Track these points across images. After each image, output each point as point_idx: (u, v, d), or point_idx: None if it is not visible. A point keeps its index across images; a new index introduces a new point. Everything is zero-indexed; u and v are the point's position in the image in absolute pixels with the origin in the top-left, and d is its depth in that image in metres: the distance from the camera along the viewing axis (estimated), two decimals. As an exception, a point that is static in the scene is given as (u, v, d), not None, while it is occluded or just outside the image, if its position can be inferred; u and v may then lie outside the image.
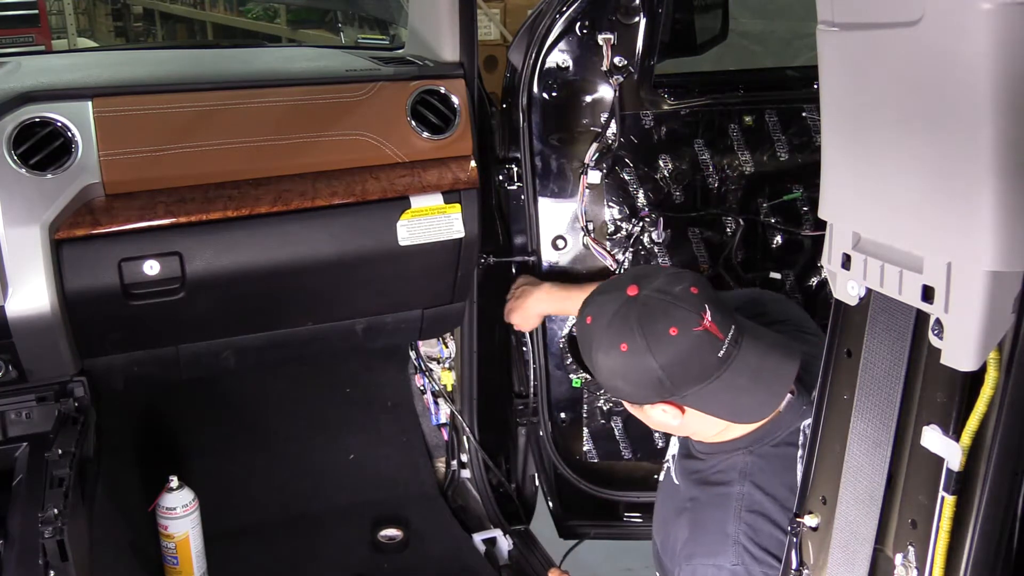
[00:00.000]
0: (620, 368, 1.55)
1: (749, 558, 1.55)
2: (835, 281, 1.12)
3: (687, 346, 1.49)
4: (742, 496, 1.60)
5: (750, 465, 1.61)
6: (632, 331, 1.51)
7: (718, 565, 1.56)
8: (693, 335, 1.49)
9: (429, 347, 2.52)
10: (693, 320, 1.50)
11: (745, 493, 1.60)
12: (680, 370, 1.51)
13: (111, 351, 1.97)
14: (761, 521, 1.57)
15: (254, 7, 6.18)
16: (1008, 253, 0.89)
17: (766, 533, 1.56)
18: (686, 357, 1.50)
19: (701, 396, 1.54)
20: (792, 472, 1.58)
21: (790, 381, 1.55)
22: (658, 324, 1.50)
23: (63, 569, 1.52)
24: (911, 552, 1.08)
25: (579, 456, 2.45)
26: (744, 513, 1.58)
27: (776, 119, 2.27)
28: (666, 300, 1.52)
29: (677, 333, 1.49)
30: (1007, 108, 0.85)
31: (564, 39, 2.19)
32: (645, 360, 1.51)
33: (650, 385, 1.53)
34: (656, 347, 1.50)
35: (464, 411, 2.44)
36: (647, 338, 1.50)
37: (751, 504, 1.59)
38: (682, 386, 1.52)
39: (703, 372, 1.51)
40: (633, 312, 1.52)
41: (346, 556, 2.30)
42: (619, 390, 1.61)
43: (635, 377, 1.54)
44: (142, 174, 1.83)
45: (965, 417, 0.99)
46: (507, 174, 2.27)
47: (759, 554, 1.55)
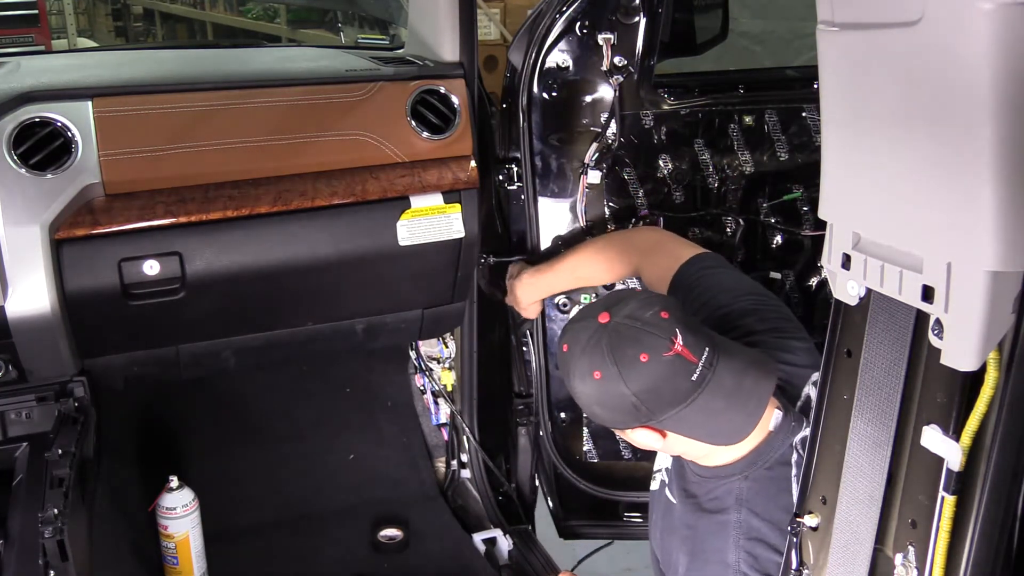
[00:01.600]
0: (595, 395, 1.55)
1: None
2: (835, 281, 1.12)
3: (658, 372, 1.49)
4: (739, 524, 1.60)
5: (746, 491, 1.61)
6: (604, 359, 1.51)
7: None
8: (664, 361, 1.49)
9: (429, 347, 2.52)
10: (663, 346, 1.49)
11: (742, 520, 1.60)
12: (653, 396, 1.50)
13: (111, 351, 1.97)
14: (760, 548, 1.58)
15: (254, 7, 6.18)
16: (1008, 253, 0.89)
17: (765, 558, 1.57)
18: (658, 383, 1.50)
19: (678, 420, 1.53)
20: (788, 494, 1.58)
21: (765, 401, 1.54)
22: (628, 351, 1.50)
23: (63, 569, 1.52)
24: (911, 552, 1.08)
25: (579, 456, 2.45)
26: (743, 541, 1.59)
27: (776, 119, 2.27)
28: (636, 327, 1.51)
29: (648, 360, 1.49)
30: (1007, 108, 0.85)
31: (564, 39, 2.19)
32: (618, 387, 1.50)
33: (626, 411, 1.53)
34: (628, 374, 1.49)
35: (464, 411, 2.44)
36: (618, 365, 1.50)
37: (749, 531, 1.59)
38: (657, 411, 1.52)
39: (676, 397, 1.50)
40: (604, 340, 1.52)
41: (346, 556, 2.30)
42: (598, 416, 1.60)
43: (611, 403, 1.54)
44: (142, 174, 1.83)
45: (965, 417, 0.99)
46: (507, 174, 2.27)
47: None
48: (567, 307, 2.35)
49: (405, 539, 2.34)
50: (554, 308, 2.36)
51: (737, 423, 1.54)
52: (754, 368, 1.54)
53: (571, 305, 2.34)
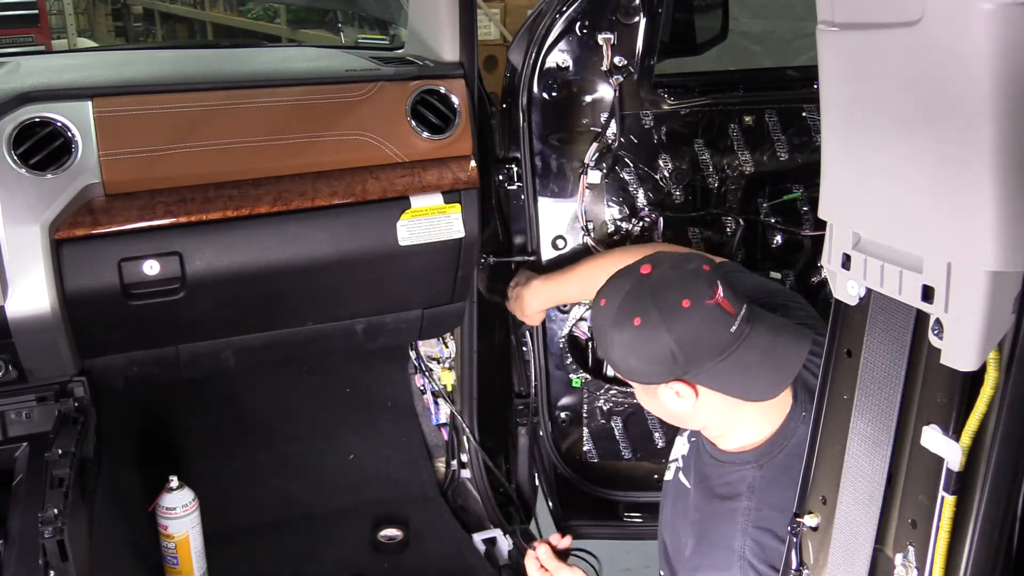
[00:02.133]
0: (633, 344, 1.55)
1: (753, 573, 1.56)
2: (835, 281, 1.12)
3: (699, 319, 1.50)
4: (749, 512, 1.60)
5: (759, 480, 1.61)
6: (646, 305, 1.52)
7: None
8: (705, 308, 1.50)
9: (429, 347, 2.52)
10: (705, 294, 1.51)
11: (752, 508, 1.60)
12: (692, 345, 1.51)
13: (111, 351, 1.97)
14: (767, 538, 1.57)
15: (254, 7, 6.18)
16: (1008, 253, 0.89)
17: (771, 549, 1.56)
18: (699, 331, 1.51)
19: (713, 373, 1.54)
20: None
21: (801, 361, 1.55)
22: (671, 296, 1.51)
23: (63, 569, 1.52)
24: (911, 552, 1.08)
25: (579, 456, 2.45)
26: (751, 529, 1.58)
27: (776, 119, 2.27)
28: (678, 275, 1.54)
29: (690, 305, 1.50)
30: (1007, 108, 0.85)
31: (564, 39, 2.19)
32: (658, 334, 1.51)
33: (663, 361, 1.53)
34: (669, 320, 1.50)
35: (464, 411, 2.44)
36: (661, 311, 1.51)
37: (758, 520, 1.58)
38: (695, 362, 1.52)
39: (715, 348, 1.51)
40: (647, 288, 1.54)
41: (346, 556, 2.30)
42: (632, 371, 1.60)
43: (648, 353, 1.54)
44: (142, 174, 1.83)
45: (965, 417, 0.99)
46: (507, 174, 2.27)
47: (764, 570, 1.55)
48: (567, 307, 2.35)
49: (405, 539, 2.34)
50: (554, 308, 2.36)
51: (771, 380, 1.56)
52: (788, 331, 1.57)
53: (571, 305, 2.34)
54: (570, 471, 2.44)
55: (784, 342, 1.55)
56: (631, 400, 2.39)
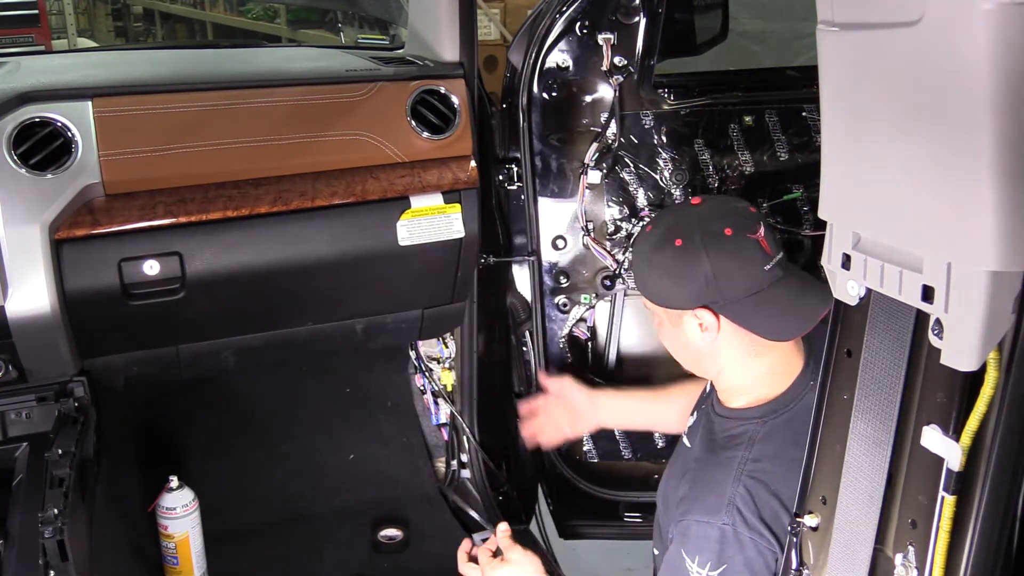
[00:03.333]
0: (671, 265, 1.62)
1: (741, 521, 1.55)
2: (835, 281, 1.12)
3: (738, 250, 1.58)
4: (746, 461, 1.61)
5: (761, 434, 1.64)
6: (690, 228, 1.60)
7: (709, 523, 1.57)
8: (746, 240, 1.59)
9: (429, 347, 2.52)
10: (749, 228, 1.60)
11: (749, 459, 1.61)
12: (727, 273, 1.58)
13: (111, 351, 1.97)
14: (761, 489, 1.58)
15: (254, 7, 6.18)
16: (1008, 253, 0.89)
17: (763, 501, 1.57)
18: (736, 261, 1.59)
19: (740, 308, 1.61)
20: (800, 448, 1.59)
21: (819, 315, 1.59)
22: (716, 224, 1.59)
23: (63, 569, 1.51)
24: (911, 552, 1.08)
25: (579, 456, 2.45)
26: (745, 478, 1.59)
27: (776, 119, 2.27)
28: (726, 208, 1.64)
29: (732, 234, 1.58)
30: (1007, 108, 0.85)
31: (564, 39, 2.19)
32: (697, 256, 1.58)
33: (696, 285, 1.60)
34: (710, 244, 1.58)
35: (464, 411, 2.44)
36: (703, 235, 1.59)
37: (753, 471, 1.60)
38: (725, 291, 1.59)
39: (748, 281, 1.59)
40: (694, 215, 1.63)
41: (346, 556, 2.30)
42: (665, 293, 1.66)
43: (684, 275, 1.61)
44: (142, 174, 1.83)
45: (965, 417, 0.99)
46: (507, 174, 2.27)
47: (752, 520, 1.55)
48: (567, 307, 2.35)
49: (405, 539, 2.34)
50: (554, 308, 2.36)
51: (791, 324, 1.62)
52: (816, 286, 1.62)
53: (571, 305, 2.35)
54: (570, 471, 2.44)
55: (811, 293, 1.61)
56: (631, 400, 2.39)
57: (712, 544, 1.56)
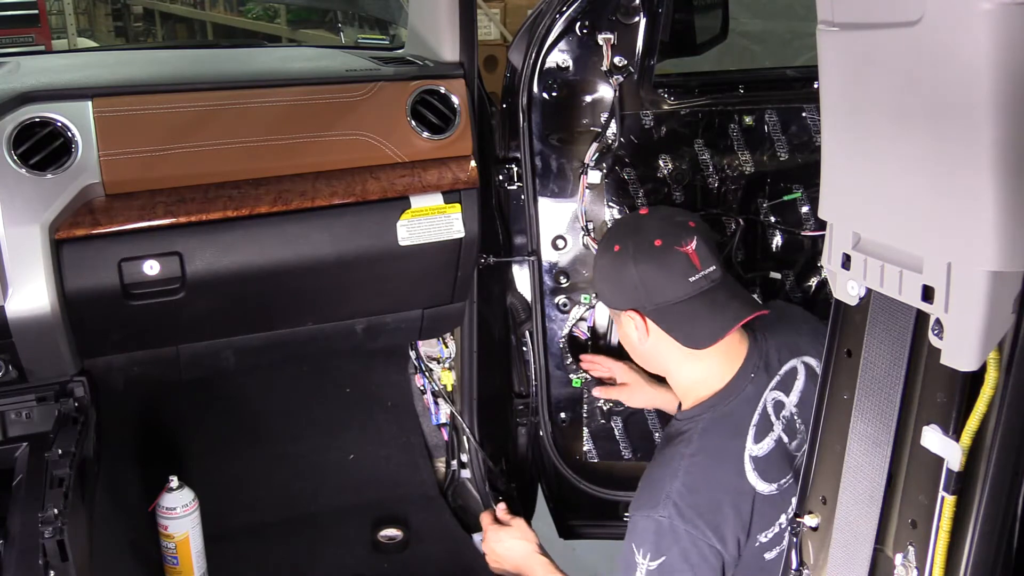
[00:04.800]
0: (607, 268, 1.80)
1: (676, 514, 1.65)
2: (835, 281, 1.12)
3: (665, 260, 1.71)
4: (683, 456, 1.72)
5: (699, 428, 1.75)
6: (627, 237, 1.77)
7: (649, 516, 1.68)
8: (673, 252, 1.71)
9: (429, 347, 2.52)
10: (679, 241, 1.71)
11: (687, 454, 1.72)
12: (652, 281, 1.72)
13: (111, 351, 1.97)
14: (699, 482, 1.68)
15: (254, 7, 6.18)
16: (1008, 253, 0.89)
17: (701, 495, 1.67)
18: (661, 270, 1.71)
19: (663, 313, 1.74)
20: (742, 438, 1.73)
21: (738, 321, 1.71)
22: (648, 235, 1.74)
23: (63, 569, 1.52)
24: (911, 552, 1.08)
25: (579, 456, 2.45)
26: (683, 473, 1.69)
27: (776, 119, 2.27)
28: (663, 221, 1.77)
29: (660, 246, 1.71)
30: (1007, 108, 0.85)
31: (564, 39, 2.19)
32: (627, 264, 1.74)
33: (627, 290, 1.76)
34: (639, 254, 1.73)
35: (464, 411, 2.44)
36: (635, 244, 1.74)
37: (691, 466, 1.70)
38: (652, 297, 1.73)
39: (672, 289, 1.71)
40: (634, 224, 1.80)
41: (346, 556, 2.30)
42: (603, 293, 1.87)
43: (616, 279, 1.77)
44: (142, 174, 1.83)
45: (965, 417, 0.99)
46: (507, 174, 2.27)
47: (688, 513, 1.66)
48: (567, 307, 2.35)
49: (405, 539, 2.34)
50: (554, 308, 2.36)
51: (704, 333, 1.73)
52: (743, 296, 1.77)
53: (571, 305, 2.35)
54: (570, 471, 2.44)
55: (734, 303, 1.72)
56: (631, 400, 2.40)
57: (651, 536, 1.66)
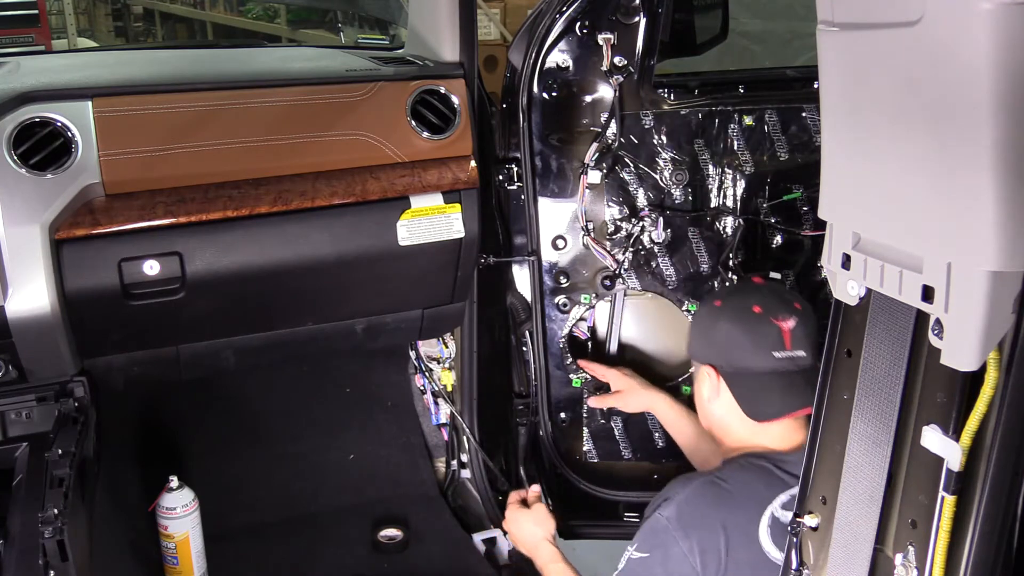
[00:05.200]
0: (702, 319, 1.83)
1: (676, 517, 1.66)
2: (835, 281, 1.12)
3: (756, 328, 1.70)
4: (710, 476, 1.73)
5: (739, 467, 1.72)
6: (730, 296, 1.79)
7: (655, 513, 1.70)
8: (767, 323, 1.70)
9: (429, 347, 2.52)
10: (778, 315, 1.70)
11: (716, 476, 1.71)
12: (737, 344, 1.71)
13: (111, 351, 1.97)
14: (710, 502, 1.68)
15: (254, 7, 6.18)
16: (1008, 253, 0.89)
17: (706, 514, 1.66)
18: (749, 336, 1.70)
19: (738, 378, 1.73)
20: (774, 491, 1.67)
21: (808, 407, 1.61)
22: (750, 300, 1.74)
23: (63, 569, 1.52)
24: (911, 552, 1.08)
25: (579, 456, 2.45)
26: (699, 486, 1.70)
27: (776, 119, 2.27)
28: (771, 293, 1.76)
29: (758, 313, 1.70)
30: (1007, 108, 0.85)
31: (564, 39, 2.19)
32: (720, 319, 1.75)
33: (711, 344, 1.77)
34: (735, 312, 1.73)
35: (464, 411, 2.44)
36: (735, 304, 1.75)
37: (712, 485, 1.69)
38: (732, 359, 1.72)
39: (753, 358, 1.70)
40: (742, 287, 1.83)
41: (346, 556, 2.30)
42: (691, 341, 1.86)
43: (705, 330, 1.79)
44: (142, 174, 1.83)
45: (965, 417, 0.99)
46: (507, 174, 2.27)
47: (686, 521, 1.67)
48: (567, 307, 2.35)
49: (405, 539, 2.34)
50: (554, 308, 2.36)
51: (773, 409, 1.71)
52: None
53: (571, 305, 2.35)
54: (570, 471, 2.44)
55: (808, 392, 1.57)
56: (631, 400, 2.40)
57: (647, 530, 1.69)
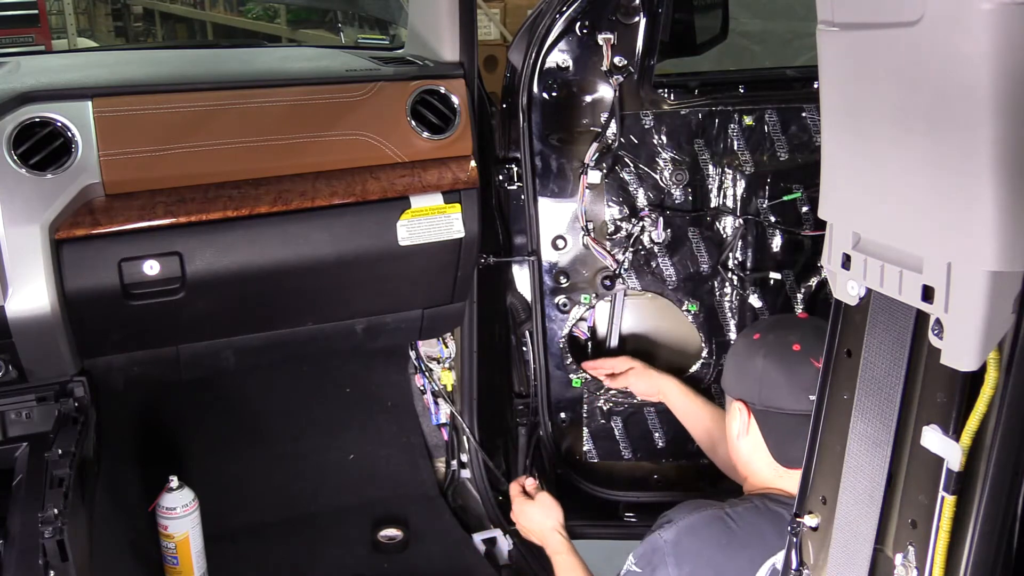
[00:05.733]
0: (739, 351, 1.75)
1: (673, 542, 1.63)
2: (835, 281, 1.12)
3: (795, 367, 1.62)
4: (720, 511, 1.68)
5: (753, 508, 1.67)
6: (770, 330, 1.71)
7: (657, 532, 1.66)
8: (807, 363, 1.62)
9: (429, 347, 2.52)
10: (817, 355, 1.56)
11: (726, 512, 1.66)
12: (773, 381, 1.64)
13: (111, 351, 1.97)
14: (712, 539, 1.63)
15: (254, 7, 6.18)
16: (1008, 253, 0.89)
17: (704, 548, 1.62)
18: (785, 375, 1.62)
19: (769, 418, 1.65)
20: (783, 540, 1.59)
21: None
22: (791, 336, 1.66)
23: (63, 569, 1.51)
24: (911, 552, 1.08)
25: (579, 456, 2.45)
26: (706, 518, 1.65)
27: (776, 119, 2.27)
28: (814, 330, 1.64)
29: (797, 351, 1.63)
30: (1007, 108, 0.85)
31: (564, 39, 2.19)
32: (757, 354, 1.67)
33: (745, 377, 1.69)
34: (773, 348, 1.65)
35: (464, 411, 2.44)
36: (774, 339, 1.67)
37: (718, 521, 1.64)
38: (765, 397, 1.65)
39: (787, 399, 1.62)
40: (784, 321, 1.76)
41: (346, 556, 2.30)
42: (725, 372, 1.78)
43: (741, 362, 1.71)
44: (142, 174, 1.83)
45: (965, 417, 0.99)
46: (507, 174, 2.27)
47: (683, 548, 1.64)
48: (567, 307, 2.35)
49: (405, 539, 2.34)
50: (554, 308, 2.36)
51: (798, 456, 1.58)
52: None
53: (571, 305, 2.35)
54: (570, 471, 2.44)
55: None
56: (631, 400, 2.39)
57: (647, 547, 1.65)
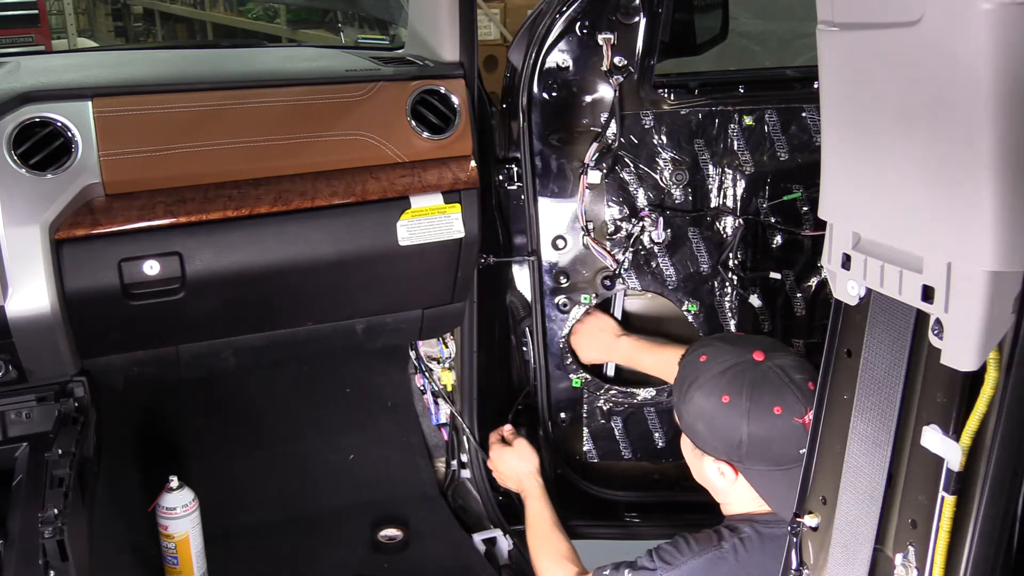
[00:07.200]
0: (711, 415, 1.66)
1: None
2: (835, 281, 1.12)
3: (780, 430, 1.60)
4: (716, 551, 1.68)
5: (747, 538, 1.68)
6: (741, 390, 1.62)
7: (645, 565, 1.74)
8: (791, 424, 1.60)
9: (429, 347, 2.52)
10: (798, 411, 1.60)
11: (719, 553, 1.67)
12: (761, 447, 1.62)
13: (111, 351, 1.97)
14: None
15: (254, 7, 6.18)
16: (1008, 253, 0.89)
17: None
18: (774, 439, 1.61)
19: (761, 476, 1.64)
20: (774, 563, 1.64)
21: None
22: (767, 397, 1.61)
23: (63, 569, 1.51)
24: (911, 552, 1.08)
25: (579, 456, 2.45)
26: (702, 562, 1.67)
27: (776, 119, 2.27)
28: (784, 381, 1.62)
29: (779, 414, 1.60)
30: (1007, 108, 0.85)
31: (564, 39, 2.19)
32: (738, 421, 1.61)
33: (728, 443, 1.65)
34: (754, 416, 1.61)
35: (464, 411, 2.44)
36: (751, 403, 1.61)
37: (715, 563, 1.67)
38: (754, 460, 1.62)
39: (779, 459, 1.61)
40: (750, 375, 1.63)
41: (346, 556, 2.30)
42: (696, 432, 1.71)
43: (719, 429, 1.65)
44: (142, 174, 1.83)
45: (965, 417, 0.99)
46: (507, 174, 2.27)
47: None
48: (567, 307, 2.35)
49: (405, 539, 2.34)
50: (554, 308, 2.36)
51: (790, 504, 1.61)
52: None
53: (571, 305, 2.35)
54: (570, 471, 2.44)
55: None
56: (631, 400, 2.39)
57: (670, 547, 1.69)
